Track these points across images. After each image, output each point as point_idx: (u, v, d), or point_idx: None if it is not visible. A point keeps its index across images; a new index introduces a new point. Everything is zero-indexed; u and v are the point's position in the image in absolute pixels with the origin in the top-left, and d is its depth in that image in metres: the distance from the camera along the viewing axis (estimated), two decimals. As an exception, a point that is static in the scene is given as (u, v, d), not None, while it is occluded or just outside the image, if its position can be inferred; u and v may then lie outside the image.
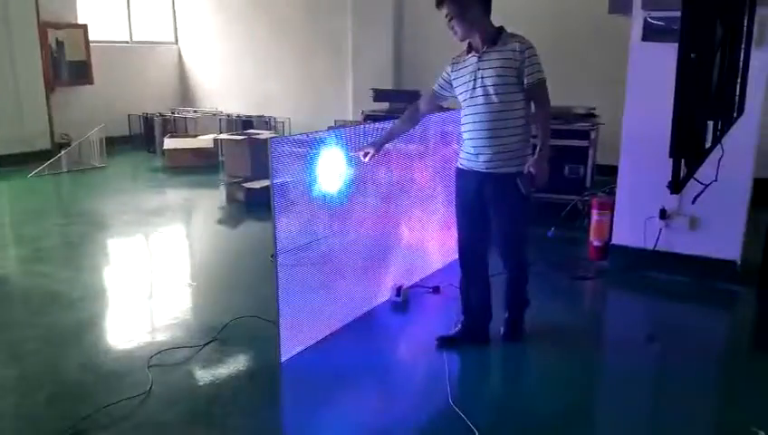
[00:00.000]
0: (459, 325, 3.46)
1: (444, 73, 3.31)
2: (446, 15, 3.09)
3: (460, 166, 3.29)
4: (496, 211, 3.21)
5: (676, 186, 1.79)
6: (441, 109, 3.69)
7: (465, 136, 3.21)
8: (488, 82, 3.07)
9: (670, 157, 1.82)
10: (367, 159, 3.40)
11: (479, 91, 3.10)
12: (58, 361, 3.25)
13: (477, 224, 3.29)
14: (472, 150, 3.17)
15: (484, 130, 3.09)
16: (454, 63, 3.26)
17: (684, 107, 1.76)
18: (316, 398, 2.92)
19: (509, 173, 3.11)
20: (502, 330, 3.46)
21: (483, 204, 3.22)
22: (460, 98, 3.22)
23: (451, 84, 3.27)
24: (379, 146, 3.42)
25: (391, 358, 3.41)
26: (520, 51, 3.02)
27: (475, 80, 3.11)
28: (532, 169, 3.05)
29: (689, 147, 1.80)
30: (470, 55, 3.16)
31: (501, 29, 3.13)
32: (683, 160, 1.83)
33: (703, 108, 1.81)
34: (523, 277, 3.43)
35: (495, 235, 3.30)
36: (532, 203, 3.27)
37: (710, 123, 2.29)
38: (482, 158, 3.13)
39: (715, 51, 1.92)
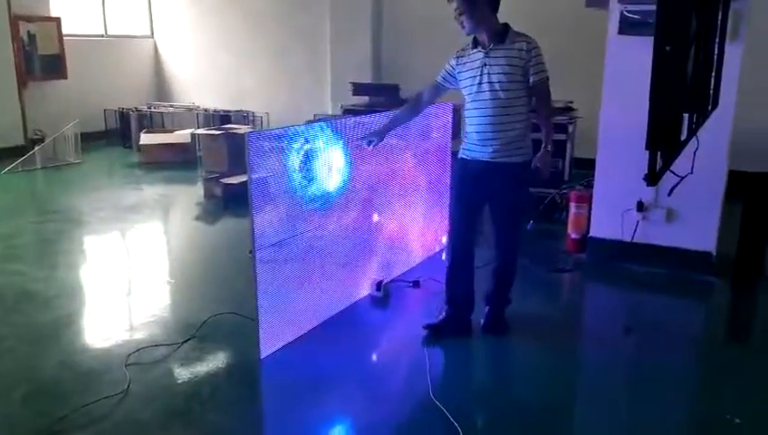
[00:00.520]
0: (443, 314, 3.50)
1: (448, 66, 3.40)
2: (456, 10, 3.18)
3: (463, 156, 3.37)
4: (497, 199, 3.33)
5: (652, 178, 1.81)
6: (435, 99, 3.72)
7: (471, 128, 3.32)
8: (495, 78, 3.18)
9: (646, 149, 1.83)
10: (371, 147, 3.54)
11: (486, 87, 3.21)
12: (34, 360, 3.20)
13: (472, 214, 3.40)
14: (478, 142, 3.27)
15: (491, 124, 3.21)
16: (459, 57, 3.34)
17: (659, 99, 1.78)
18: (296, 394, 2.91)
19: (512, 163, 3.24)
20: (482, 322, 3.48)
21: (481, 194, 3.33)
22: (465, 91, 3.31)
23: (455, 77, 3.35)
24: (382, 134, 3.55)
25: (372, 353, 3.41)
26: (527, 50, 3.15)
27: (481, 75, 3.21)
28: (538, 164, 3.21)
29: (665, 139, 1.81)
30: (476, 50, 3.25)
31: (507, 27, 3.23)
32: (659, 153, 1.84)
33: (678, 100, 1.82)
34: (511, 270, 3.48)
35: (493, 223, 3.40)
36: (528, 195, 3.43)
37: (685, 116, 2.31)
38: (489, 148, 3.24)
39: (690, 44, 1.93)
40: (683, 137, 2.24)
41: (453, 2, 3.17)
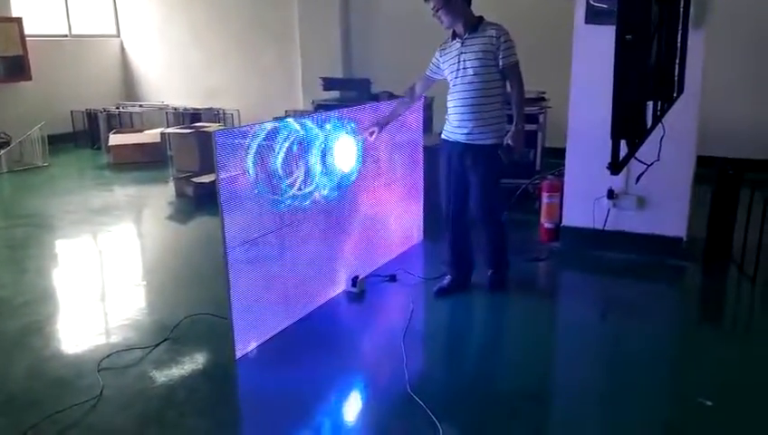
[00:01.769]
0: (448, 278, 3.91)
1: (433, 59, 3.75)
2: (433, 7, 3.50)
3: (445, 137, 3.73)
4: (474, 176, 3.64)
5: (615, 166, 1.82)
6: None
7: (450, 111, 3.66)
8: (469, 64, 3.51)
9: (611, 138, 1.84)
10: (372, 137, 3.88)
11: (461, 73, 3.54)
12: (4, 368, 3.14)
13: (460, 186, 3.73)
14: (456, 123, 3.62)
15: (467, 106, 3.55)
16: (442, 49, 3.69)
17: (622, 88, 1.79)
18: (273, 393, 2.90)
19: (486, 144, 3.56)
20: (488, 283, 3.91)
21: (464, 169, 3.67)
22: (449, 78, 3.65)
23: (440, 67, 3.70)
24: (382, 125, 3.92)
25: (348, 349, 3.39)
26: (496, 37, 3.47)
27: (459, 62, 3.55)
28: (509, 141, 3.49)
29: (629, 127, 1.82)
30: (455, 41, 3.59)
31: (481, 18, 3.56)
32: (623, 141, 1.85)
33: (641, 89, 1.83)
34: (500, 235, 3.87)
35: (473, 198, 3.71)
36: (505, 169, 3.69)
37: (650, 104, 2.33)
38: (464, 130, 3.59)
39: (652, 32, 1.94)
40: (648, 124, 2.26)
41: (430, 1, 3.48)
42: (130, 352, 3.22)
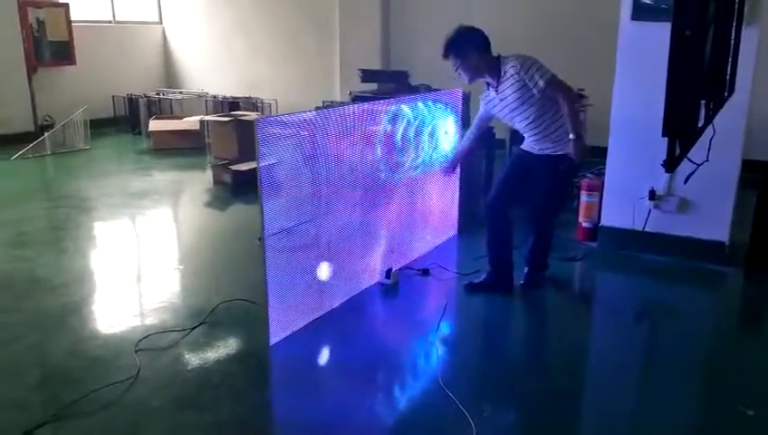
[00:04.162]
0: (485, 275, 3.85)
1: (481, 108, 3.83)
2: (453, 65, 3.56)
3: (522, 146, 3.78)
4: (541, 184, 3.67)
5: (670, 164, 1.77)
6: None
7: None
8: (513, 106, 3.55)
9: (663, 136, 1.80)
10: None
11: (509, 112, 3.60)
12: (43, 346, 3.21)
13: (513, 185, 3.76)
14: (528, 142, 3.69)
15: (528, 132, 3.62)
16: (483, 99, 3.77)
17: (677, 85, 1.74)
18: (306, 381, 2.91)
19: (554, 155, 3.57)
20: (522, 281, 3.86)
21: (529, 173, 3.69)
22: (501, 118, 3.75)
23: (489, 113, 3.77)
24: (455, 163, 4.24)
25: (381, 340, 3.40)
26: (517, 73, 3.45)
27: (503, 108, 3.61)
28: (569, 152, 3.46)
29: (682, 126, 1.78)
30: (490, 90, 3.65)
31: (499, 59, 3.54)
32: (677, 140, 1.80)
33: (696, 86, 1.78)
34: (547, 241, 3.86)
35: (537, 200, 3.75)
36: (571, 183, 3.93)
37: (702, 103, 2.27)
38: (534, 148, 3.65)
39: (707, 28, 1.89)
40: (700, 124, 2.20)
41: (449, 60, 3.54)
42: (167, 335, 3.27)
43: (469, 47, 3.51)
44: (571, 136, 3.42)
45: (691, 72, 1.74)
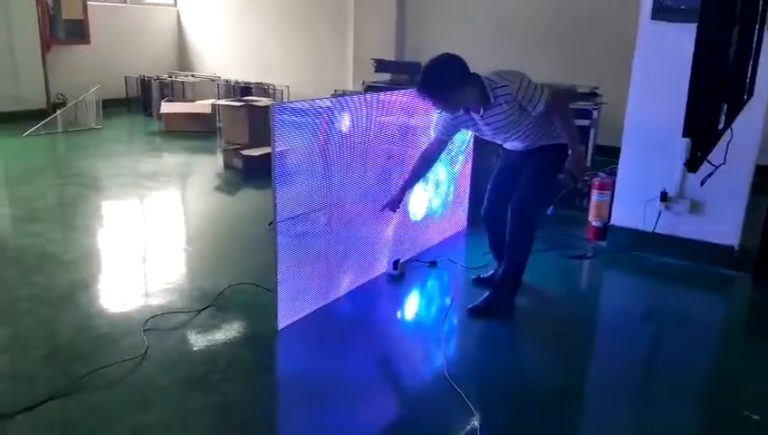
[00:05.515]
0: (493, 270, 3.76)
1: (444, 122, 3.42)
2: (434, 108, 3.35)
3: (507, 147, 3.55)
4: (527, 169, 3.37)
5: (693, 164, 1.77)
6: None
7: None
8: (504, 128, 3.25)
9: (684, 136, 1.79)
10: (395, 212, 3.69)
11: (497, 133, 3.32)
12: (52, 321, 3.24)
13: (504, 187, 3.49)
14: (513, 145, 3.45)
15: (521, 144, 3.37)
16: (449, 117, 3.35)
17: (700, 86, 1.73)
18: (312, 366, 2.92)
19: (544, 144, 3.34)
20: (470, 304, 3.48)
21: (519, 168, 3.42)
22: (478, 135, 3.51)
23: (457, 128, 3.42)
24: (399, 201, 3.57)
25: (387, 329, 3.41)
26: (513, 99, 3.11)
27: (488, 129, 3.30)
28: (569, 168, 3.28)
29: (704, 127, 1.77)
30: (469, 114, 3.26)
31: (483, 86, 3.12)
32: (698, 141, 1.80)
33: (719, 87, 1.77)
34: (523, 240, 3.37)
35: (517, 186, 3.36)
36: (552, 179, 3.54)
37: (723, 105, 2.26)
38: (525, 147, 3.40)
39: (732, 28, 1.88)
40: (720, 126, 2.19)
41: (435, 109, 3.35)
42: (175, 316, 3.29)
43: (447, 88, 3.06)
44: (572, 154, 3.22)
45: (715, 73, 1.73)
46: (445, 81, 3.05)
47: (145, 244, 4.53)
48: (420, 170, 3.54)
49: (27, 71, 8.50)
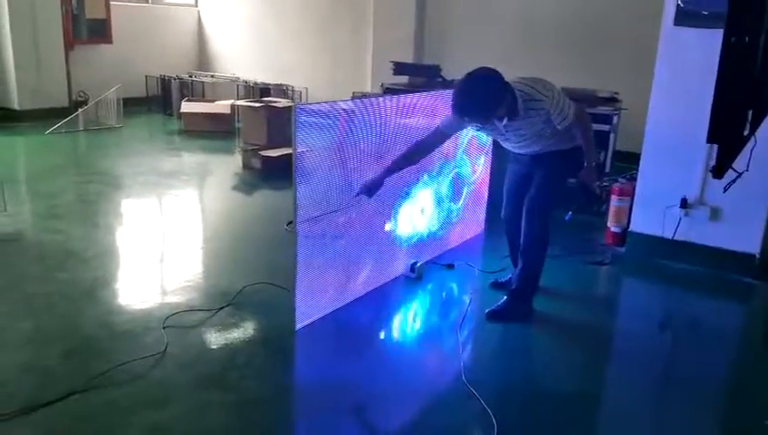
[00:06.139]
0: (510, 275, 3.71)
1: (447, 122, 3.34)
2: (473, 127, 3.34)
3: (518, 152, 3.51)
4: (537, 174, 3.39)
5: (719, 170, 1.76)
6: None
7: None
8: (519, 133, 3.24)
9: (708, 142, 1.78)
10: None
11: (519, 138, 3.29)
12: (73, 316, 3.27)
13: (520, 190, 3.49)
14: (526, 150, 3.41)
15: (537, 147, 3.34)
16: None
17: (727, 92, 1.72)
18: (329, 366, 2.94)
19: (555, 150, 3.33)
20: (487, 308, 3.49)
21: (526, 175, 3.46)
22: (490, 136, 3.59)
23: (463, 126, 3.37)
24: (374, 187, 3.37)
25: (404, 332, 3.42)
26: (546, 112, 3.11)
27: (508, 135, 3.28)
28: (583, 179, 3.28)
29: (730, 134, 1.76)
30: (494, 120, 3.18)
31: (513, 94, 3.07)
32: (724, 147, 1.79)
33: (746, 94, 1.76)
34: (537, 246, 3.41)
35: (530, 192, 3.40)
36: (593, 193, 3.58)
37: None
38: (530, 152, 3.41)
39: (760, 34, 1.87)
40: (745, 132, 2.18)
41: (471, 125, 3.28)
42: (194, 314, 3.31)
43: (491, 106, 3.03)
44: (587, 165, 3.23)
45: (742, 80, 1.72)
46: (489, 100, 3.02)
47: (165, 242, 4.57)
48: (411, 157, 3.42)
49: (51, 69, 8.61)
